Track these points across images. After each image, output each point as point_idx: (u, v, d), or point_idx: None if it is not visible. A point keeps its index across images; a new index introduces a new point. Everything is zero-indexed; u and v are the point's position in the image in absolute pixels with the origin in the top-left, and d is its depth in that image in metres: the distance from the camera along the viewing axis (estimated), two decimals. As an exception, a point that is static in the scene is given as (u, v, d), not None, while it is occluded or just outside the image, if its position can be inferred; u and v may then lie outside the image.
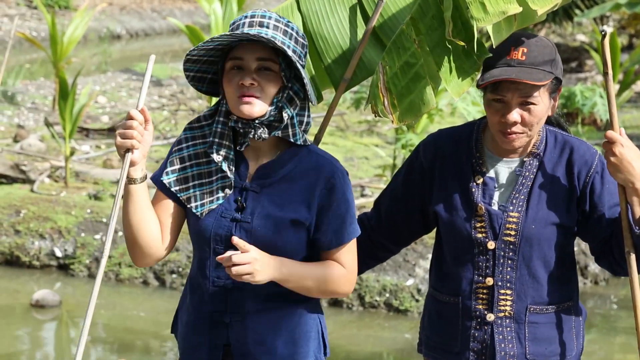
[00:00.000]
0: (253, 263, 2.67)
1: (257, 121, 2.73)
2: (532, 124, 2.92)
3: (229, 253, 2.67)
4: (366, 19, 3.16)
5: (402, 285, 6.91)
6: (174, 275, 7.25)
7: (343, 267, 2.80)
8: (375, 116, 3.01)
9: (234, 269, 2.66)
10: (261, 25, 2.71)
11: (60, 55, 10.85)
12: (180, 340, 2.90)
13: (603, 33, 2.89)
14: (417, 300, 6.84)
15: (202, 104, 11.98)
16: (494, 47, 2.91)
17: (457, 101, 7.99)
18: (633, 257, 2.91)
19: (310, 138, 2.85)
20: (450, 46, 2.92)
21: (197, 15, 21.45)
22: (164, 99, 12.52)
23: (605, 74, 2.92)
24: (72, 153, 8.75)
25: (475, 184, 3.01)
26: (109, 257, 7.42)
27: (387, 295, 6.89)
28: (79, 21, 10.73)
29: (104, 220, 7.64)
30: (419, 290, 6.88)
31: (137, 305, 7.12)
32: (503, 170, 3.01)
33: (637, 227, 2.89)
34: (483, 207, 2.98)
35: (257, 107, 2.71)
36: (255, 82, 2.70)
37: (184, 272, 7.22)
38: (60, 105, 8.59)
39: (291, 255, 2.76)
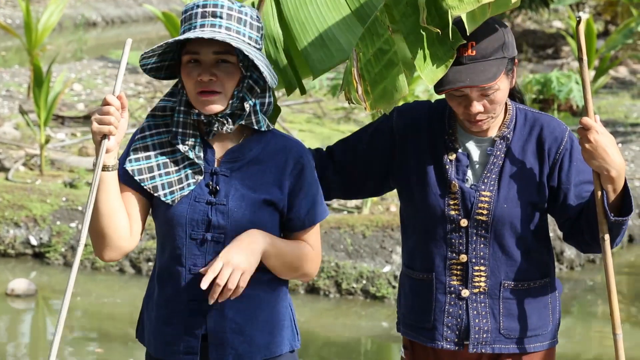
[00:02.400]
0: (229, 263, 2.66)
1: (219, 115, 2.72)
2: (495, 108, 2.94)
3: (206, 277, 2.67)
4: (345, 3, 3.15)
5: (378, 272, 6.92)
6: (150, 263, 7.22)
7: (311, 247, 2.81)
8: (349, 103, 3.01)
9: (219, 281, 2.65)
10: (214, 15, 2.68)
11: (35, 43, 10.77)
12: (152, 337, 2.84)
13: (578, 19, 2.90)
14: (394, 287, 6.86)
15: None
16: (467, 34, 2.90)
17: (426, 87, 8.01)
18: (607, 242, 2.92)
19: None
20: (424, 33, 2.92)
21: (173, 2, 21.34)
22: (140, 86, 12.46)
23: (580, 60, 2.93)
24: (47, 141, 8.70)
25: (448, 160, 3.02)
26: (85, 245, 7.37)
27: (364, 282, 6.90)
28: (53, 8, 10.65)
29: (80, 208, 7.60)
30: (395, 277, 6.89)
31: (113, 293, 7.10)
32: (475, 148, 3.03)
33: (612, 214, 2.90)
34: (457, 185, 3.00)
35: (218, 104, 2.70)
36: (214, 77, 2.68)
37: (160, 260, 7.21)
38: (35, 93, 8.53)
39: None
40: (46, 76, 8.50)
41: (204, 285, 2.65)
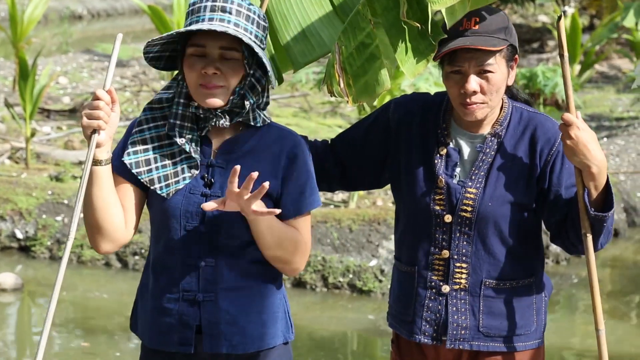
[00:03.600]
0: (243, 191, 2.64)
1: (218, 110, 2.72)
2: (492, 92, 2.92)
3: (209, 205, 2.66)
4: None
5: (365, 266, 6.93)
6: (137, 257, 7.22)
7: (300, 235, 2.81)
8: (331, 96, 3.01)
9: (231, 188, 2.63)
10: (224, 10, 2.68)
11: (20, 36, 10.74)
12: (147, 328, 2.85)
13: (560, 15, 2.91)
14: (380, 281, 6.87)
15: (164, 84, 11.92)
16: (447, 28, 2.92)
17: (417, 82, 8.01)
18: (590, 238, 2.92)
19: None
20: (405, 27, 2.93)
21: (159, -5, 21.27)
22: (126, 79, 12.43)
23: (561, 55, 2.93)
24: (32, 134, 8.68)
25: (439, 155, 3.02)
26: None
27: (351, 276, 6.91)
28: (38, 0, 10.61)
29: (66, 201, 7.59)
30: (382, 271, 6.90)
31: (99, 287, 7.09)
32: (467, 145, 3.02)
33: (593, 209, 2.90)
34: (443, 180, 2.99)
35: (220, 98, 2.70)
36: (218, 71, 2.68)
37: (147, 254, 7.19)
38: (21, 86, 8.50)
39: None
40: (32, 69, 8.47)
41: (208, 207, 2.66)
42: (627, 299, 7.06)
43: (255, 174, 2.61)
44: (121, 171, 2.77)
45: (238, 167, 2.63)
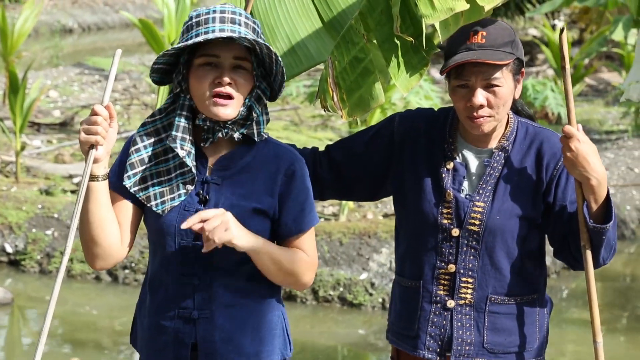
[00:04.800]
0: (223, 215, 2.64)
1: (228, 122, 2.72)
2: (498, 106, 2.93)
3: (195, 217, 2.65)
4: (315, 10, 3.17)
5: (355, 279, 6.93)
6: (127, 271, 7.20)
7: (305, 253, 2.80)
8: (325, 111, 3.02)
9: (207, 226, 2.62)
10: (233, 22, 2.68)
11: (10, 49, 10.73)
12: (144, 344, 2.84)
13: (561, 28, 2.93)
14: (370, 295, 6.86)
15: (155, 98, 11.91)
16: (441, 42, 2.93)
17: (407, 95, 8.03)
18: (588, 251, 2.93)
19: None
20: (398, 42, 2.94)
21: (149, 9, 21.31)
22: (117, 93, 12.43)
23: (562, 68, 2.95)
24: (22, 148, 8.66)
25: (445, 169, 3.02)
26: (61, 252, 7.35)
27: (341, 289, 6.90)
28: (28, 13, 10.60)
29: (56, 215, 7.57)
30: (372, 284, 6.90)
31: (89, 301, 7.07)
32: (473, 159, 3.02)
33: (592, 221, 2.90)
34: (451, 194, 2.99)
35: (231, 110, 2.70)
36: (232, 81, 2.68)
37: (137, 268, 7.18)
38: (11, 100, 8.49)
39: None
40: (22, 83, 8.46)
41: (185, 225, 2.65)
42: (617, 312, 7.07)
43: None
44: (117, 188, 2.76)
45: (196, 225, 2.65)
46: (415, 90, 8.16)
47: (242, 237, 2.68)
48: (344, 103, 2.99)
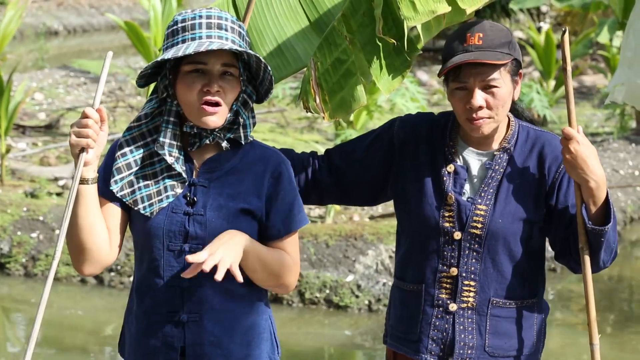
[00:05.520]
0: (213, 247, 2.65)
1: (216, 130, 2.72)
2: (497, 107, 2.93)
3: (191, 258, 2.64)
4: (302, 12, 3.17)
5: (342, 281, 6.93)
6: (112, 274, 7.18)
7: (289, 256, 2.80)
8: (307, 112, 3.02)
9: (205, 267, 2.63)
10: (219, 27, 2.67)
11: (-5, 51, 10.69)
12: (132, 350, 2.83)
13: (564, 30, 2.92)
14: (357, 297, 6.86)
15: (140, 100, 11.90)
16: (422, 43, 2.93)
17: (393, 97, 8.03)
18: (587, 253, 2.93)
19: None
20: (381, 43, 2.94)
21: (135, 12, 21.26)
22: (102, 95, 12.40)
23: (564, 69, 2.94)
24: (8, 150, 8.63)
25: (446, 172, 3.01)
26: (45, 255, 7.34)
27: (327, 291, 6.90)
28: (12, 14, 10.56)
29: (41, 218, 7.55)
30: (359, 287, 6.90)
31: (74, 304, 7.05)
32: (475, 162, 3.02)
33: (590, 222, 2.90)
34: (453, 197, 2.99)
35: (220, 118, 2.70)
36: (220, 88, 2.68)
37: (123, 271, 7.16)
38: (-5, 102, 8.46)
39: None
40: (7, 85, 8.43)
41: (188, 275, 2.64)
42: (603, 313, 7.09)
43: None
44: (104, 192, 2.75)
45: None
46: (401, 93, 8.16)
47: (238, 253, 2.68)
48: (326, 104, 3.00)
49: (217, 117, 2.69)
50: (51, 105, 11.97)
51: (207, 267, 2.62)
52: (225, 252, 2.65)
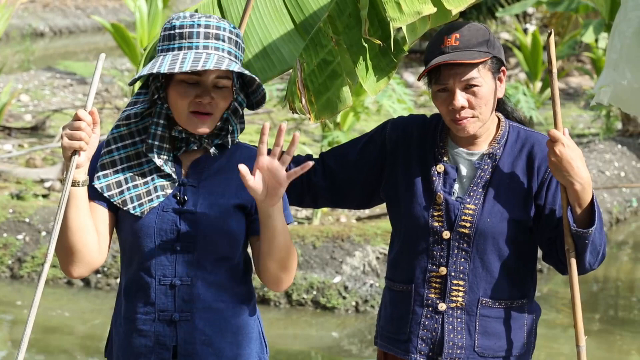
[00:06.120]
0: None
1: (204, 136, 2.74)
2: (480, 106, 2.94)
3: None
4: (288, 14, 3.17)
5: (329, 282, 6.93)
6: (99, 275, 7.17)
7: None
8: (293, 113, 3.03)
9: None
10: (217, 38, 2.68)
11: (-19, 53, 10.66)
12: (122, 351, 2.82)
13: (549, 32, 2.93)
14: (344, 298, 6.87)
15: (127, 102, 11.87)
16: (407, 45, 2.94)
17: (380, 99, 8.04)
18: (573, 254, 2.93)
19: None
20: (367, 45, 2.95)
21: (122, 13, 21.24)
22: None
23: (549, 71, 2.94)
24: (-7, 152, 8.61)
25: (436, 172, 3.02)
26: (32, 257, 7.32)
27: (314, 292, 6.91)
28: (-1, 17, 10.54)
29: (27, 220, 7.53)
30: (346, 288, 6.90)
31: (61, 306, 7.03)
32: (464, 162, 3.03)
33: (575, 225, 2.91)
34: (442, 196, 2.99)
35: (209, 126, 2.71)
36: (213, 100, 2.69)
37: (109, 272, 7.15)
38: (-19, 104, 8.44)
39: (235, 243, 2.76)
40: (-7, 87, 8.41)
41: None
42: (588, 314, 7.12)
43: (285, 125, 2.60)
44: (92, 194, 2.75)
45: (268, 125, 2.60)
46: (388, 94, 8.17)
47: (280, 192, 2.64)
48: (312, 105, 3.00)
49: (206, 126, 2.71)
50: (37, 106, 11.94)
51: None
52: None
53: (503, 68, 3.01)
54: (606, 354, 6.50)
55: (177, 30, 2.69)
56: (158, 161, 2.73)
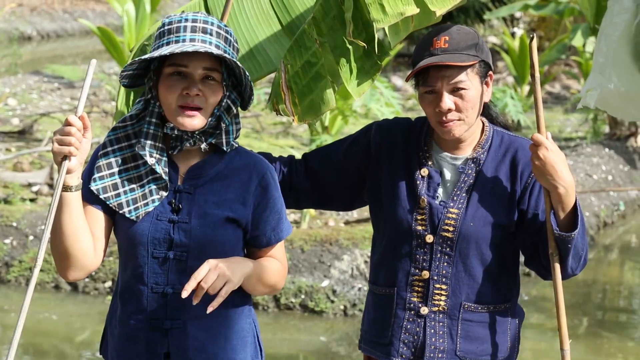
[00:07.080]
0: (216, 268, 2.65)
1: (196, 132, 2.72)
2: (467, 109, 2.94)
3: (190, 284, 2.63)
4: (274, 15, 3.17)
5: (317, 286, 6.93)
6: (87, 280, 7.15)
7: (280, 262, 2.83)
8: (277, 114, 3.03)
9: (204, 284, 2.63)
10: (204, 31, 2.67)
11: (-32, 57, 10.64)
12: (115, 355, 2.83)
13: (531, 36, 2.93)
14: (332, 302, 6.87)
15: (115, 106, 11.85)
16: (391, 47, 2.94)
17: (368, 102, 8.05)
18: (557, 258, 2.94)
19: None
20: (351, 47, 2.95)
21: (109, 17, 21.20)
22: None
23: (532, 75, 2.95)
24: (-20, 156, 8.58)
25: (420, 176, 3.03)
26: (19, 261, 7.29)
27: (303, 296, 6.90)
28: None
29: (14, 224, 7.51)
30: (334, 292, 6.90)
31: (49, 310, 7.01)
32: (448, 166, 3.03)
33: (558, 229, 2.92)
34: (425, 200, 3.00)
35: (199, 121, 2.70)
36: (201, 92, 2.68)
37: (97, 277, 7.13)
38: (-32, 108, 8.42)
39: (230, 253, 2.75)
40: (-20, 91, 8.39)
41: (184, 294, 2.63)
42: (577, 318, 7.13)
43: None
44: (88, 197, 2.75)
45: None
46: (376, 98, 8.18)
47: (237, 276, 2.69)
48: (295, 107, 3.01)
49: (195, 120, 2.69)
50: (24, 110, 11.91)
51: (205, 284, 2.63)
52: (227, 268, 2.66)
53: (490, 72, 3.02)
54: (593, 357, 6.52)
55: (166, 28, 2.70)
56: (150, 160, 2.72)
